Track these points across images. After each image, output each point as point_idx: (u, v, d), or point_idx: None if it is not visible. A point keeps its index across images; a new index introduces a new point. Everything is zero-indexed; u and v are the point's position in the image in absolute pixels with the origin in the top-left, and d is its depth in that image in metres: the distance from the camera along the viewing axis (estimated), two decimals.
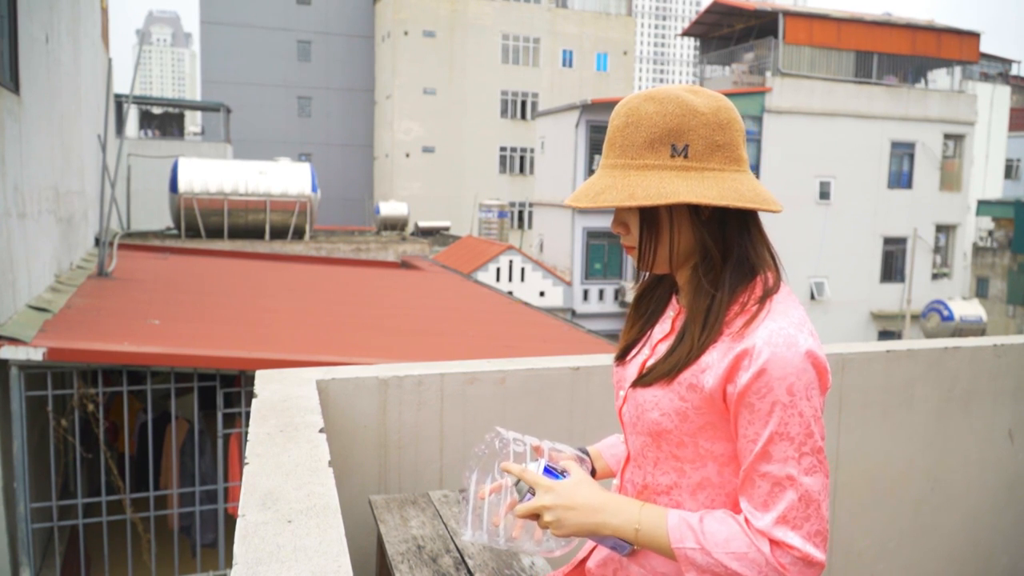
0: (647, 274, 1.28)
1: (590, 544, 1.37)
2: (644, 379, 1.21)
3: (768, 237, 1.22)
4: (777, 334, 1.10)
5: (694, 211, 1.17)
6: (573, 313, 22.96)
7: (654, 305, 1.32)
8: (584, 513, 1.18)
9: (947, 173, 25.08)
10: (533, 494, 1.21)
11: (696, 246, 1.19)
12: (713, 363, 1.13)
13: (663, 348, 1.23)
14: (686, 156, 1.14)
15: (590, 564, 1.35)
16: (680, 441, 1.17)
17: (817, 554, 1.08)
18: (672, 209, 1.17)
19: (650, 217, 1.18)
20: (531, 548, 1.29)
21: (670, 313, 1.28)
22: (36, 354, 4.24)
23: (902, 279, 24.34)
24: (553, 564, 1.83)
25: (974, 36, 25.95)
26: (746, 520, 1.11)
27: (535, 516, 1.21)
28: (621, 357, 1.32)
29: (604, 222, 24.16)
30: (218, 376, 4.70)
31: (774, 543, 1.08)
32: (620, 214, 1.22)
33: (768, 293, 1.16)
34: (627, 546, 1.20)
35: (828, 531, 1.11)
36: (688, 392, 1.15)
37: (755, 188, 1.16)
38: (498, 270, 22.32)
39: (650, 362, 1.23)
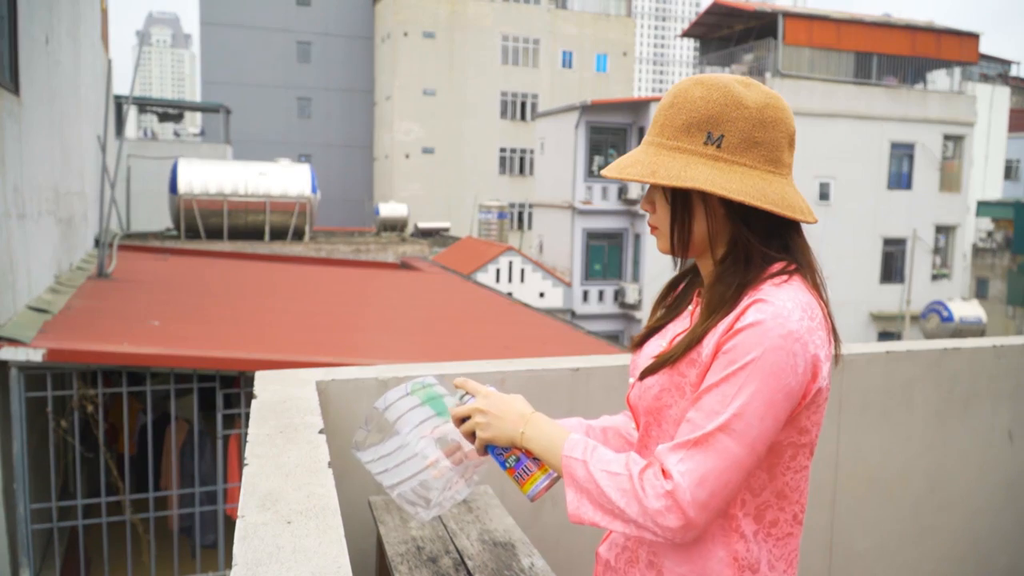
0: (679, 262, 1.30)
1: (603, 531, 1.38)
2: (651, 368, 1.22)
3: (808, 244, 1.21)
4: (772, 304, 1.09)
5: (718, 202, 1.16)
6: (573, 314, 22.95)
7: (678, 298, 1.34)
8: (510, 421, 1.24)
9: (947, 174, 25.06)
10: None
11: (718, 237, 1.18)
12: (715, 334, 1.13)
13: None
14: (719, 146, 1.14)
15: (600, 548, 1.36)
16: (679, 419, 1.18)
17: (684, 491, 1.06)
18: (696, 196, 1.17)
19: (675, 200, 1.18)
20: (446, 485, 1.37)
21: (690, 307, 1.29)
22: (36, 355, 4.23)
23: (902, 280, 24.33)
24: (555, 566, 1.83)
25: (973, 37, 25.95)
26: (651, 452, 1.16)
27: (466, 430, 1.29)
28: (638, 345, 1.34)
29: (604, 223, 24.16)
30: (218, 377, 4.70)
31: (651, 465, 1.10)
32: (651, 192, 1.23)
33: (788, 275, 1.15)
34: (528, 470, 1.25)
35: (715, 493, 1.07)
36: (686, 367, 1.16)
37: (783, 192, 1.15)
38: (498, 271, 22.30)
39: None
